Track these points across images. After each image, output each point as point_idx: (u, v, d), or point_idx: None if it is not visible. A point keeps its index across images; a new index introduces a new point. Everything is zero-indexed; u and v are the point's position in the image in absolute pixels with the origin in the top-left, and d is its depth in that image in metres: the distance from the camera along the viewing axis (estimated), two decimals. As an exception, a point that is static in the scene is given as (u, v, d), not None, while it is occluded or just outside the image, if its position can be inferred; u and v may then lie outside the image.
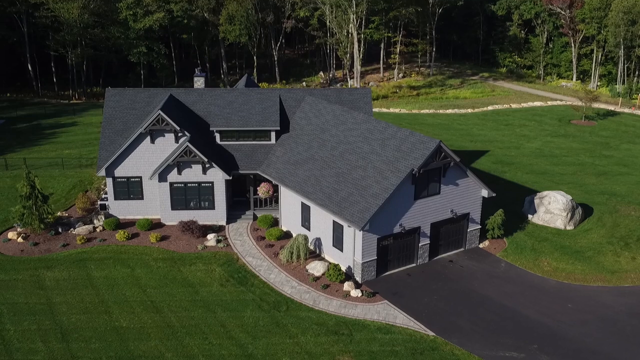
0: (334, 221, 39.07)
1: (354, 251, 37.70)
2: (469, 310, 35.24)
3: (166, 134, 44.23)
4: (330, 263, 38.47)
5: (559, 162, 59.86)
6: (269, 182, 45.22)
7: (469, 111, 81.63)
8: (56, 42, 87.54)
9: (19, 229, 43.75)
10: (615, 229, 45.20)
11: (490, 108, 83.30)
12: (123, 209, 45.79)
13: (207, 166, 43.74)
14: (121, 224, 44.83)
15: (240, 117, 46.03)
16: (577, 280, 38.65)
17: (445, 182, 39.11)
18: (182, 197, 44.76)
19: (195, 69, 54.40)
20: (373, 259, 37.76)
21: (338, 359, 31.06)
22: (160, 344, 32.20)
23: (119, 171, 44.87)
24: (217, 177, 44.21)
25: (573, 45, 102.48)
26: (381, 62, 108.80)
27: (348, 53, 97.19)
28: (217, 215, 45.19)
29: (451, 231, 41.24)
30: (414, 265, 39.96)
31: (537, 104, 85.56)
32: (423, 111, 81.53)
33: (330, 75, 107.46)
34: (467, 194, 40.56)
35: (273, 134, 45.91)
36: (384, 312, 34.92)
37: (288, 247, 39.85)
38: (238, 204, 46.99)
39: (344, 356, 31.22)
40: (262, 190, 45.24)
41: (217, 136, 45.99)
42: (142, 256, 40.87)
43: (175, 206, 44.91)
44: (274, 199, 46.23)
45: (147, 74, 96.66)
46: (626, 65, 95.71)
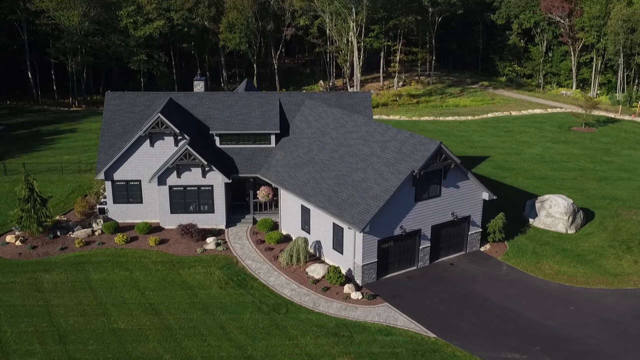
0: (334, 223, 38.82)
1: (354, 253, 37.42)
2: (470, 312, 34.92)
3: (166, 137, 44.09)
4: (331, 265, 38.19)
5: (559, 167, 59.69)
6: (268, 185, 45.03)
7: (469, 118, 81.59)
8: (56, 49, 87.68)
9: (17, 233, 43.51)
10: (617, 232, 44.96)
11: (490, 115, 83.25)
12: (122, 213, 45.55)
13: (206, 169, 43.55)
14: (120, 228, 44.57)
15: (240, 120, 45.91)
16: (579, 283, 38.35)
17: (445, 184, 38.91)
18: (182, 200, 44.52)
19: (196, 73, 54.35)
20: (373, 261, 37.49)
21: (338, 360, 30.80)
22: (159, 345, 31.86)
23: (118, 174, 44.69)
24: (217, 181, 44.01)
25: (572, 53, 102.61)
26: (381, 70, 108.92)
27: (348, 61, 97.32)
28: (216, 219, 44.94)
29: (452, 234, 40.98)
30: (414, 268, 39.66)
31: (537, 111, 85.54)
32: (423, 118, 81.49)
33: (330, 84, 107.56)
34: (468, 197, 40.35)
35: (273, 138, 45.77)
36: (385, 314, 34.60)
37: (288, 249, 39.58)
38: (238, 207, 46.76)
39: (344, 358, 30.88)
40: (262, 194, 45.03)
41: (217, 139, 45.84)
42: (141, 259, 40.58)
43: (174, 210, 44.67)
44: (273, 203, 46.01)
45: (147, 82, 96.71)
46: (626, 74, 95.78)
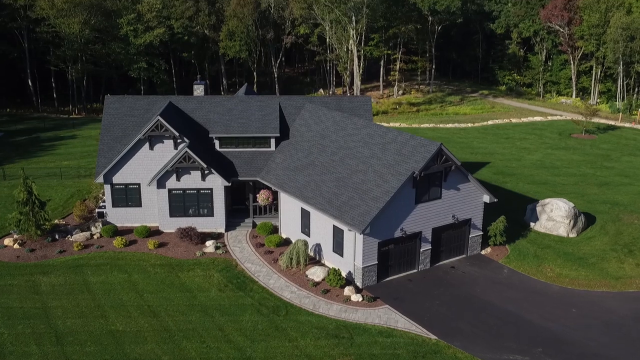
0: (334, 226, 38.59)
1: (354, 256, 37.17)
2: (472, 314, 34.62)
3: (165, 141, 43.95)
4: (331, 268, 37.90)
5: (560, 173, 59.53)
6: (268, 189, 44.83)
7: (469, 125, 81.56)
8: (56, 57, 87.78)
9: (15, 236, 43.22)
10: (619, 236, 44.71)
11: (490, 122, 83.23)
12: (121, 217, 45.31)
13: (206, 172, 43.38)
14: (119, 232, 44.31)
15: (240, 124, 45.79)
16: (581, 286, 38.06)
17: (446, 186, 38.72)
18: (181, 204, 44.31)
19: (196, 76, 54.33)
20: (374, 263, 37.23)
21: (338, 362, 30.47)
22: (157, 347, 31.54)
23: (117, 178, 44.49)
24: (216, 184, 43.83)
25: (572, 62, 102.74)
26: (381, 79, 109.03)
27: (348, 69, 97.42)
28: (216, 223, 44.70)
29: (453, 237, 40.74)
30: (415, 271, 39.39)
31: (537, 119, 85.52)
32: (423, 125, 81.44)
33: (330, 92, 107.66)
34: (469, 199, 40.14)
35: (273, 141, 45.64)
36: (385, 317, 34.29)
37: (287, 252, 39.33)
38: (237, 211, 46.54)
39: (344, 359, 30.55)
40: (262, 197, 44.83)
41: (217, 143, 45.71)
42: (140, 262, 40.32)
43: (173, 213, 44.45)
44: (273, 207, 45.79)
45: (147, 90, 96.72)
46: (625, 82, 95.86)
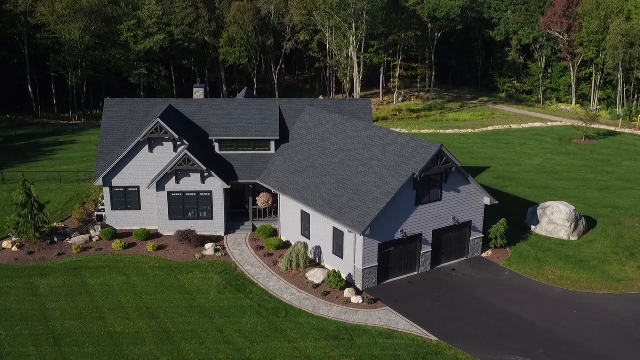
0: (334, 228, 38.40)
1: (354, 258, 36.95)
2: (473, 316, 34.38)
3: (165, 143, 43.84)
4: (331, 270, 37.67)
5: (560, 177, 59.39)
6: (268, 191, 44.67)
7: (469, 131, 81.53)
8: (57, 63, 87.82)
9: (13, 239, 43.02)
10: (620, 239, 44.52)
11: (490, 128, 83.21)
12: (120, 220, 45.13)
13: (205, 175, 43.23)
14: (118, 235, 44.15)
15: (240, 127, 45.70)
16: (583, 288, 37.82)
17: (447, 188, 38.57)
18: (180, 206, 44.13)
19: (196, 80, 54.27)
20: (374, 265, 37.00)
21: (338, 363, 30.20)
22: (156, 348, 31.28)
23: (117, 181, 44.35)
24: (216, 187, 43.66)
25: (572, 69, 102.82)
26: (381, 86, 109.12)
27: (348, 76, 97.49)
28: (215, 226, 44.50)
29: (453, 239, 40.54)
30: (415, 273, 39.17)
31: (537, 125, 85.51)
32: (423, 131, 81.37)
33: (330, 99, 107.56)
34: (469, 201, 39.97)
35: (272, 144, 45.52)
36: (386, 318, 34.04)
37: (287, 255, 39.12)
38: (237, 215, 46.36)
39: (344, 360, 30.33)
40: (262, 200, 44.65)
41: (216, 146, 45.60)
42: (139, 264, 40.10)
43: (173, 216, 44.26)
44: (273, 210, 45.62)
45: (147, 97, 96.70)
46: (625, 88, 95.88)
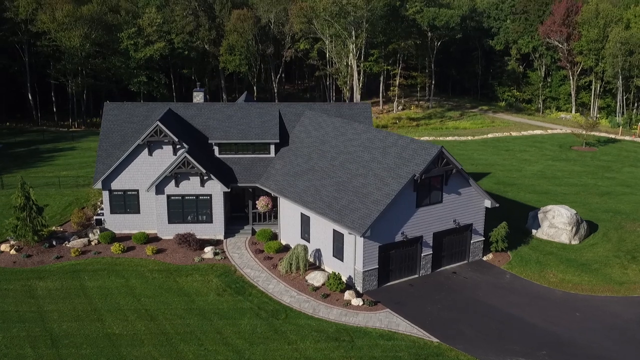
0: (334, 230, 38.18)
1: (354, 260, 36.71)
2: (474, 318, 34.09)
3: (164, 146, 43.72)
4: (331, 272, 37.40)
5: (561, 183, 59.23)
6: (268, 195, 44.48)
7: (469, 138, 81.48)
8: (57, 71, 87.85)
9: (12, 242, 42.77)
10: (622, 243, 44.29)
11: (490, 136, 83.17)
12: (119, 223, 44.90)
13: (205, 178, 43.07)
14: (117, 238, 43.86)
15: (239, 130, 45.59)
16: (585, 291, 37.54)
17: (447, 190, 38.39)
18: (180, 210, 43.92)
19: (196, 84, 54.23)
20: (374, 267, 36.74)
21: (339, 364, 29.88)
22: (154, 349, 30.96)
23: (116, 184, 44.18)
24: (216, 190, 43.48)
25: (571, 77, 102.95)
26: (380, 95, 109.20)
27: (348, 84, 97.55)
28: (214, 229, 44.28)
29: (454, 242, 40.31)
30: (416, 276, 38.90)
31: (537, 132, 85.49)
32: (423, 138, 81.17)
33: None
34: (470, 204, 39.78)
35: (272, 147, 45.39)
36: (386, 320, 33.74)
37: (287, 257, 38.87)
38: (236, 219, 46.15)
39: (344, 361, 30.01)
40: (261, 204, 44.47)
41: (216, 149, 45.47)
42: (138, 267, 39.83)
43: (172, 219, 44.04)
44: (272, 214, 45.41)
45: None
46: (625, 97, 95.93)
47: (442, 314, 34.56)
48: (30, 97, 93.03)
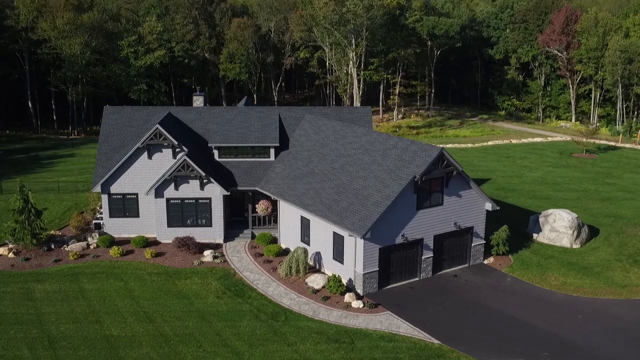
0: (334, 233, 37.96)
1: (354, 262, 36.47)
2: (475, 320, 33.82)
3: (164, 150, 43.59)
4: (331, 275, 37.15)
5: (562, 188, 59.07)
6: (267, 198, 44.29)
7: (469, 146, 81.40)
8: (57, 78, 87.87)
9: (10, 245, 42.54)
10: (623, 247, 44.07)
11: (490, 143, 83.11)
12: (118, 227, 44.68)
13: (204, 181, 42.90)
14: (116, 242, 43.63)
15: (239, 134, 45.48)
16: (587, 294, 37.28)
17: (448, 192, 38.21)
18: (179, 213, 43.73)
19: (197, 88, 54.15)
20: (375, 270, 36.50)
21: (339, 365, 29.58)
22: (152, 351, 30.67)
23: (115, 188, 44.00)
24: (215, 193, 43.30)
25: (571, 86, 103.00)
26: (380, 103, 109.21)
27: (348, 92, 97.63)
28: (214, 233, 44.06)
29: (455, 245, 40.08)
30: (417, 279, 38.64)
31: (538, 140, 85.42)
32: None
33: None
34: (471, 207, 39.59)
35: (272, 151, 45.26)
36: (387, 322, 33.47)
37: (287, 260, 38.64)
38: (236, 223, 45.91)
39: (345, 363, 29.71)
40: (261, 208, 44.27)
41: (216, 153, 45.33)
42: (136, 271, 39.59)
43: (171, 223, 43.83)
44: (272, 218, 45.20)
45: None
46: (625, 105, 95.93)
47: (443, 316, 34.29)
48: (30, 105, 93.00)
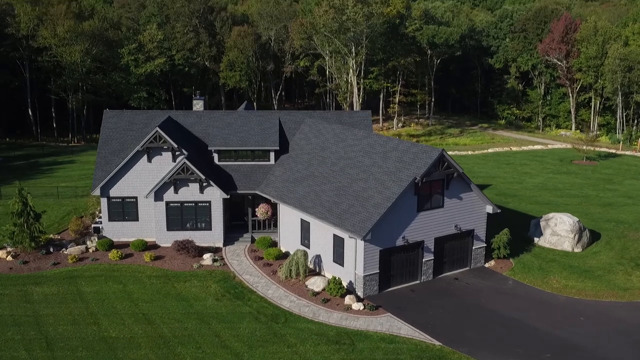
0: (334, 235, 37.75)
1: (355, 264, 36.23)
2: (477, 322, 33.55)
3: (163, 153, 43.47)
4: (331, 277, 36.90)
5: (562, 194, 58.90)
6: (267, 202, 44.12)
7: (469, 153, 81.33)
8: (57, 86, 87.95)
9: (8, 249, 42.30)
10: (625, 251, 43.84)
11: (490, 150, 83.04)
12: (117, 231, 44.46)
13: (204, 184, 42.76)
14: (115, 246, 43.38)
15: (239, 137, 45.39)
16: (588, 297, 37.01)
17: (448, 195, 38.05)
18: (179, 217, 43.52)
19: (197, 92, 54.13)
20: (375, 272, 36.26)
21: (339, 366, 29.29)
22: (151, 352, 30.38)
23: (114, 191, 43.83)
24: (215, 197, 43.13)
25: (571, 95, 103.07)
26: (380, 112, 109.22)
27: (348, 101, 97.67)
28: (213, 237, 43.84)
29: (456, 248, 39.85)
30: (417, 282, 38.39)
31: (538, 147, 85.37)
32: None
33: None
34: (472, 209, 39.40)
35: (272, 154, 45.14)
36: (388, 324, 33.19)
37: (287, 263, 38.41)
38: (236, 227, 45.72)
39: (345, 364, 29.42)
40: (261, 211, 44.09)
41: (216, 156, 45.22)
42: (135, 273, 39.34)
43: (171, 227, 43.62)
44: (272, 222, 44.99)
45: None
46: (625, 113, 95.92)
47: (444, 318, 34.02)
48: (31, 113, 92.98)
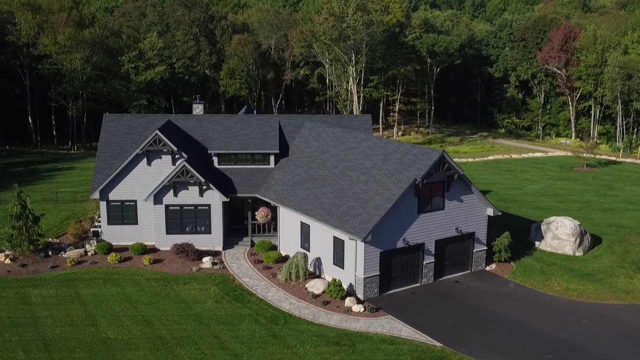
0: (334, 237, 37.55)
1: (355, 266, 36.01)
2: (478, 324, 33.30)
3: (163, 156, 43.36)
4: (331, 280, 36.67)
5: (563, 200, 58.73)
6: (267, 205, 43.94)
7: (470, 160, 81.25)
8: (57, 94, 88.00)
9: (7, 252, 42.07)
10: (627, 255, 43.62)
11: (490, 158, 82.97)
12: (116, 235, 44.25)
13: (204, 188, 42.60)
14: (114, 249, 43.17)
15: (239, 141, 45.29)
16: (590, 299, 36.76)
17: (449, 197, 37.91)
18: (178, 220, 43.35)
19: (196, 96, 54.09)
20: (375, 274, 36.03)
21: (339, 367, 29.01)
22: (149, 353, 30.11)
23: (114, 194, 43.67)
24: (214, 200, 42.96)
25: (570, 103, 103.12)
26: (380, 120, 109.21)
27: (347, 108, 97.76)
28: (213, 240, 43.62)
29: (456, 251, 39.65)
30: (418, 285, 38.15)
31: (538, 155, 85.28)
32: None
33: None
34: (472, 212, 39.23)
35: (272, 158, 45.02)
36: (388, 326, 32.94)
37: (287, 265, 38.19)
38: (235, 231, 45.51)
39: (345, 364, 29.14)
40: (261, 215, 43.90)
41: (215, 160, 45.10)
42: (134, 276, 39.11)
43: (170, 230, 43.42)
44: (272, 226, 44.80)
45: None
46: (625, 121, 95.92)
47: (445, 320, 33.77)
48: (31, 121, 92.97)
